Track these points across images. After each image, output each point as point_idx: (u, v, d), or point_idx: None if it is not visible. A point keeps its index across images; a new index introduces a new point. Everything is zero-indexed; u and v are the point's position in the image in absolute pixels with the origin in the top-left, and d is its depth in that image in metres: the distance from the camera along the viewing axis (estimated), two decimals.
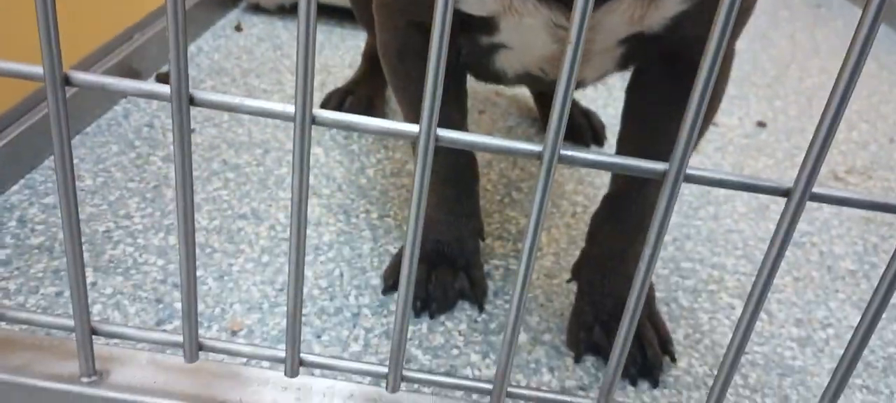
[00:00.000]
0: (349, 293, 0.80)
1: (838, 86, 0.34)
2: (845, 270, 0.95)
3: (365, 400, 0.49)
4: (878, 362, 0.80)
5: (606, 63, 0.70)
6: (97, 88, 0.39)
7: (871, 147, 1.31)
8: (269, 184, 0.97)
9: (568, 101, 0.36)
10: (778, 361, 0.78)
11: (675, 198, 0.38)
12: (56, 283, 0.76)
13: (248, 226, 0.89)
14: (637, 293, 0.41)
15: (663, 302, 0.85)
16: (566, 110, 0.36)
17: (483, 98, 1.32)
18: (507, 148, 0.39)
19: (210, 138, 1.06)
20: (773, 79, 1.56)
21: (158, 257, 0.82)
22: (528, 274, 0.41)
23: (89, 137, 1.03)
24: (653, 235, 0.39)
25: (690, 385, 0.73)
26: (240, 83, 1.24)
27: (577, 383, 0.72)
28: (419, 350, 0.73)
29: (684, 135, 0.36)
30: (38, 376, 0.49)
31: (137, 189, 0.93)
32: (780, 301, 0.87)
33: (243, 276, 0.80)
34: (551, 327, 0.79)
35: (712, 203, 1.06)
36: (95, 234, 0.84)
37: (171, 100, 0.37)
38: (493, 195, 1.02)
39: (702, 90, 0.35)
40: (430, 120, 0.37)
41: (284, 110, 0.38)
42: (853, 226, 1.05)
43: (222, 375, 0.51)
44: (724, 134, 1.29)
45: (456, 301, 0.79)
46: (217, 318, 0.74)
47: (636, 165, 0.38)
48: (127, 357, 0.51)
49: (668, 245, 0.96)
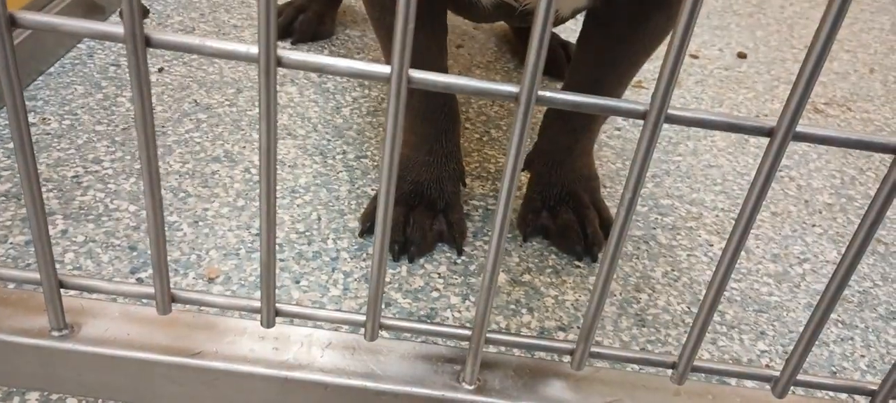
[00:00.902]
0: (327, 236, 0.79)
1: (825, 22, 0.33)
2: (822, 204, 0.96)
3: (343, 348, 0.49)
4: (853, 296, 0.81)
5: None
6: (46, 30, 0.36)
7: (851, 77, 1.30)
8: (243, 125, 0.95)
9: (545, 40, 0.34)
10: (754, 297, 0.79)
11: (656, 138, 0.37)
12: (25, 232, 0.74)
13: (221, 170, 0.87)
14: (616, 239, 0.40)
15: (642, 240, 0.85)
16: (543, 50, 0.35)
17: (461, 32, 1.29)
18: (484, 89, 0.37)
19: (180, 77, 1.03)
20: (755, 7, 1.54)
21: (130, 203, 0.80)
22: (505, 216, 0.40)
23: (53, 78, 0.99)
24: (633, 176, 0.38)
25: (669, 323, 0.74)
26: (209, 18, 1.19)
27: (557, 323, 0.72)
28: (399, 294, 0.73)
29: (665, 75, 0.35)
30: (6, 331, 0.48)
31: (106, 132, 0.90)
32: (758, 236, 0.88)
33: (219, 221, 0.79)
34: (530, 267, 0.78)
35: (692, 138, 1.06)
36: (64, 180, 0.82)
37: (126, 42, 0.35)
38: (472, 133, 1.00)
39: (685, 25, 0.33)
40: (401, 60, 0.35)
41: (248, 52, 0.36)
42: (831, 159, 1.05)
43: (197, 326, 0.50)
44: (704, 66, 1.28)
45: (435, 244, 0.79)
46: (193, 266, 0.73)
47: (616, 106, 0.37)
48: (98, 310, 0.50)
49: (646, 182, 0.95)
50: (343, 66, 0.37)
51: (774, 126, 0.37)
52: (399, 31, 0.35)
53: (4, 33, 0.36)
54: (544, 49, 0.35)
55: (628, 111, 0.37)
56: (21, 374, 0.50)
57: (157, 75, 1.04)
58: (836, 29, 0.33)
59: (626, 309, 0.74)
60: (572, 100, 0.38)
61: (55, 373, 0.49)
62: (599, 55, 0.75)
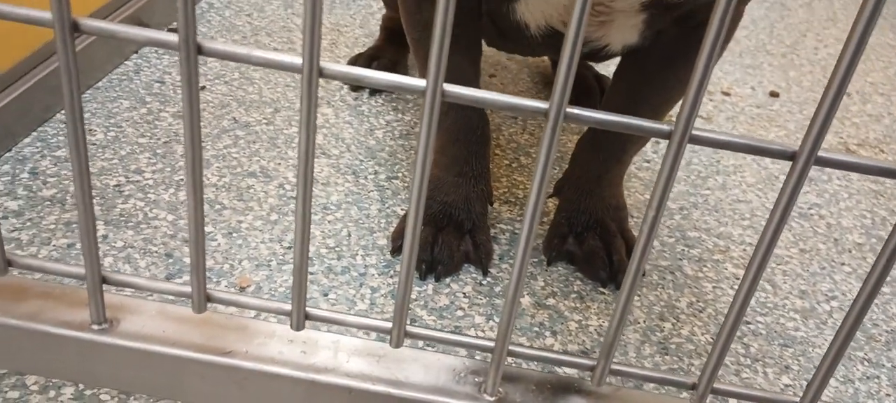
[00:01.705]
0: (356, 253, 0.81)
1: (848, 48, 0.34)
2: (852, 243, 0.95)
3: (369, 355, 0.50)
4: (881, 336, 0.80)
5: (630, 30, 0.70)
6: (106, 36, 0.39)
7: (884, 120, 1.30)
8: (279, 143, 0.97)
9: (575, 57, 0.36)
10: (780, 332, 0.78)
11: (680, 158, 0.38)
12: (68, 235, 0.77)
13: (257, 184, 0.89)
14: (639, 255, 0.41)
15: (668, 271, 0.85)
16: (573, 66, 0.36)
17: (494, 62, 1.32)
18: (514, 105, 0.39)
19: (221, 96, 1.06)
20: (788, 48, 1.54)
21: (169, 212, 0.82)
22: (531, 230, 0.41)
23: (100, 92, 1.03)
24: (656, 196, 0.39)
25: (692, 353, 0.74)
26: (250, 41, 1.23)
27: (580, 347, 0.73)
28: (424, 311, 0.74)
29: (690, 96, 0.36)
30: (49, 323, 0.50)
31: (148, 144, 0.93)
32: (786, 272, 0.87)
33: (252, 234, 0.81)
34: (555, 291, 0.79)
35: (721, 173, 1.06)
36: (107, 188, 0.85)
37: (180, 49, 0.38)
38: (502, 159, 1.02)
39: (710, 50, 0.35)
40: (436, 74, 0.37)
41: (292, 62, 0.38)
42: (862, 199, 1.04)
43: (230, 327, 0.52)
44: (736, 103, 1.28)
45: (461, 264, 0.80)
46: (226, 274, 0.75)
47: (642, 125, 0.38)
48: (136, 307, 0.52)
49: (674, 213, 0.96)
50: (380, 79, 0.39)
51: (797, 150, 0.38)
52: (435, 46, 0.37)
53: (68, 37, 0.38)
54: (574, 66, 0.36)
55: (654, 131, 0.39)
56: (60, 365, 0.52)
57: (199, 93, 1.07)
58: (860, 50, 0.34)
59: (649, 336, 0.74)
60: (599, 119, 0.39)
61: (93, 366, 0.51)
62: (632, 91, 0.77)
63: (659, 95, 0.76)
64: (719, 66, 1.42)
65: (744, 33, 1.59)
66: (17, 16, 0.38)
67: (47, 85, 0.93)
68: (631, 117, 0.38)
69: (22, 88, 0.90)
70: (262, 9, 1.35)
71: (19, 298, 0.52)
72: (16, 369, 0.60)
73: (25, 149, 0.89)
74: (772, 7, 1.77)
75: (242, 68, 1.15)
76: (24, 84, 0.90)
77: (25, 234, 0.76)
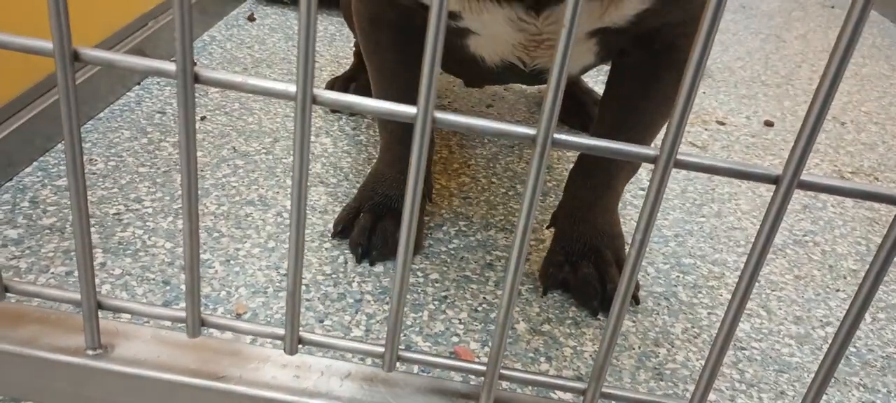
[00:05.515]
0: (352, 279, 0.81)
1: (829, 69, 0.35)
2: (847, 269, 0.95)
3: (362, 379, 0.50)
4: (876, 361, 0.80)
5: (585, 54, 0.74)
6: (105, 65, 0.40)
7: (879, 148, 1.31)
8: (277, 172, 0.98)
9: (561, 85, 0.37)
10: (775, 357, 0.78)
11: (665, 182, 0.39)
12: (66, 263, 0.78)
13: (255, 212, 0.90)
14: (627, 279, 0.42)
15: (663, 297, 0.85)
16: (559, 94, 0.37)
17: (491, 93, 1.33)
18: (502, 130, 0.40)
19: (220, 126, 1.08)
20: (783, 79, 1.56)
21: (167, 240, 0.83)
22: (522, 252, 0.42)
23: (102, 123, 1.04)
24: (643, 219, 0.40)
25: (687, 379, 0.74)
26: (251, 72, 1.25)
27: (574, 372, 0.73)
28: (419, 337, 0.74)
29: (675, 121, 0.37)
30: (44, 348, 0.51)
31: (148, 173, 0.94)
32: (780, 298, 0.88)
33: (249, 261, 0.82)
34: (550, 317, 0.79)
35: (716, 200, 1.07)
36: (106, 216, 0.86)
37: (177, 77, 0.39)
38: (498, 187, 1.03)
39: (692, 78, 0.36)
40: (426, 102, 0.38)
41: (286, 89, 0.39)
42: (857, 226, 1.05)
43: (224, 352, 0.52)
44: (730, 132, 1.29)
45: (394, 251, 0.82)
46: (222, 301, 0.76)
47: (628, 150, 0.39)
48: (131, 332, 0.53)
49: (669, 240, 0.96)
50: (372, 106, 0.40)
51: (780, 174, 0.39)
52: (425, 75, 0.38)
53: (68, 66, 0.39)
54: (560, 93, 0.37)
55: (639, 155, 0.39)
56: (53, 391, 0.52)
57: (199, 123, 1.09)
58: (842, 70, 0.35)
59: (644, 362, 0.74)
60: (587, 144, 0.40)
61: (86, 392, 0.52)
62: (617, 113, 0.78)
63: (639, 121, 0.78)
64: (714, 96, 1.44)
65: (739, 64, 1.61)
66: (18, 46, 0.39)
67: (49, 115, 0.94)
68: (616, 142, 0.39)
69: (24, 119, 0.91)
70: (263, 42, 1.37)
71: (16, 324, 0.53)
72: (11, 395, 0.60)
73: (26, 179, 0.90)
74: (767, 39, 1.79)
75: (242, 99, 1.16)
76: (27, 114, 0.91)
77: (24, 262, 0.77)
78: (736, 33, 1.80)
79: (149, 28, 1.17)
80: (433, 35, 0.36)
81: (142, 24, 1.17)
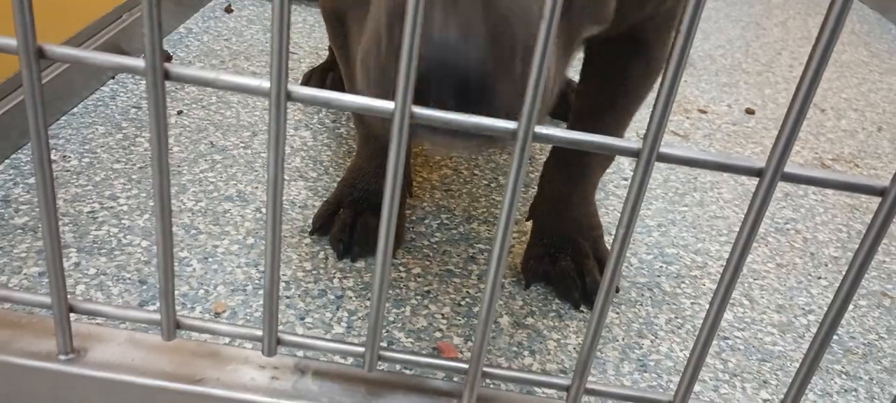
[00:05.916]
0: (333, 276, 0.80)
1: (812, 61, 0.34)
2: (829, 257, 0.96)
3: (342, 379, 0.50)
4: (858, 348, 0.80)
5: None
6: (72, 62, 0.38)
7: (859, 135, 1.31)
8: (256, 167, 0.97)
9: (542, 80, 0.36)
10: (758, 346, 0.78)
11: (649, 176, 0.38)
12: (39, 264, 0.76)
13: (233, 209, 0.88)
14: (610, 274, 0.41)
15: (646, 288, 0.85)
16: (539, 89, 0.36)
17: None
18: (482, 126, 0.39)
19: (198, 120, 1.06)
20: (763, 66, 1.56)
21: (143, 238, 0.81)
22: (504, 246, 0.41)
23: (76, 118, 1.02)
24: (626, 213, 0.39)
25: (671, 370, 0.73)
26: (229, 65, 1.23)
27: (559, 366, 0.72)
28: (401, 333, 0.74)
29: (657, 115, 0.36)
30: (15, 353, 0.49)
31: (123, 170, 0.92)
32: (763, 287, 0.88)
33: (228, 259, 0.80)
34: (534, 310, 0.79)
35: (698, 189, 1.07)
36: (80, 215, 0.84)
37: (147, 75, 0.37)
38: (480, 180, 1.02)
39: (674, 72, 0.35)
40: (404, 98, 0.37)
41: (259, 85, 0.38)
42: (838, 213, 1.05)
43: (201, 354, 0.51)
44: (712, 120, 1.29)
45: (375, 247, 0.81)
46: (201, 300, 0.74)
47: (610, 144, 0.38)
48: (105, 336, 0.51)
49: (652, 230, 0.96)
50: (348, 102, 0.39)
51: (763, 166, 0.38)
52: (403, 71, 0.37)
53: (33, 65, 0.38)
54: (541, 88, 0.36)
55: (622, 149, 0.39)
56: (26, 397, 0.51)
57: (176, 118, 1.07)
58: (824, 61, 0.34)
59: (628, 353, 0.74)
60: (569, 138, 0.39)
61: (60, 396, 0.50)
62: (592, 101, 0.79)
63: (614, 106, 0.79)
64: (696, 85, 1.44)
65: (720, 52, 1.61)
66: None
67: (21, 112, 0.92)
68: (599, 136, 0.39)
69: None
70: (240, 34, 1.35)
71: None
72: None
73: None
74: (747, 27, 1.80)
75: (220, 92, 1.14)
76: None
77: None
78: (716, 21, 1.80)
79: (123, 21, 1.15)
80: (410, 27, 0.35)
81: (116, 16, 1.14)
